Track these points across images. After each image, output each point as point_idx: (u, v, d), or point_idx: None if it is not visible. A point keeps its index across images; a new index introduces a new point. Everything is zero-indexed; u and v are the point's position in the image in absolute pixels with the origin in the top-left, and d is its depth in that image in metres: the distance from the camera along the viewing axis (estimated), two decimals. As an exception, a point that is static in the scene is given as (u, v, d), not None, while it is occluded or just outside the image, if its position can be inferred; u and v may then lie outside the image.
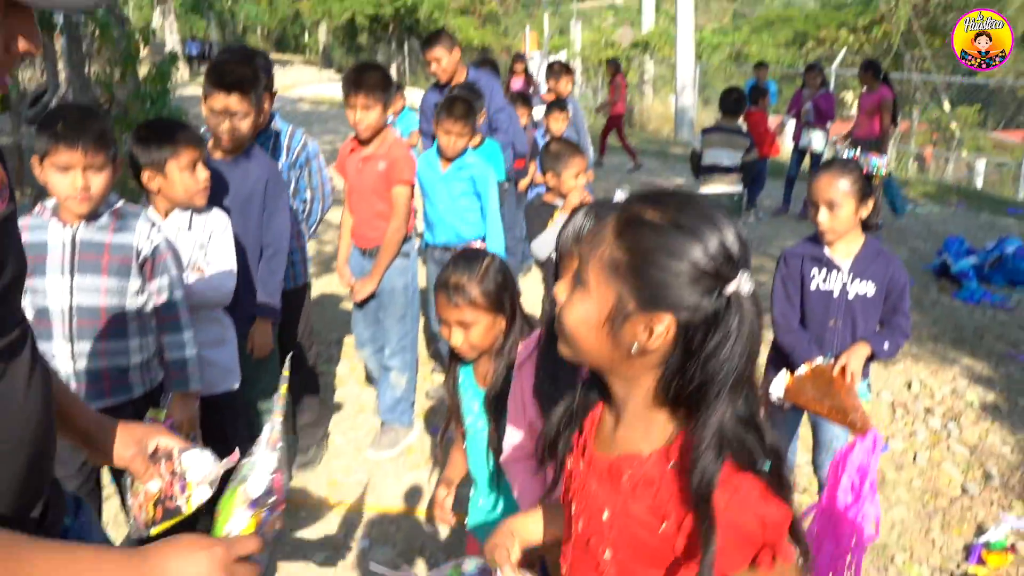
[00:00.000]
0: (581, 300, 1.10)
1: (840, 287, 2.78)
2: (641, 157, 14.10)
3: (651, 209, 1.06)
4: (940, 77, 17.19)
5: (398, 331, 3.80)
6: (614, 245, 1.06)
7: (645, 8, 24.44)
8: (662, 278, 1.03)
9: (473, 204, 3.99)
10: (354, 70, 3.57)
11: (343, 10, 30.46)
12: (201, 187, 2.59)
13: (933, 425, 4.28)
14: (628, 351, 1.07)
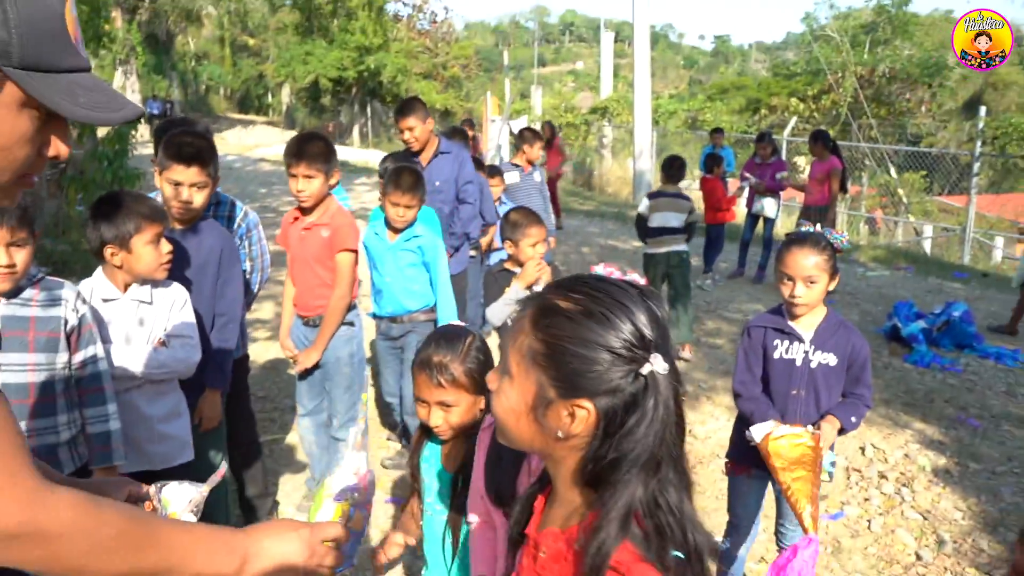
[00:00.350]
0: (507, 389, 1.13)
1: (803, 357, 2.81)
2: (599, 219, 14.31)
3: (564, 298, 1.10)
4: (887, 145, 17.84)
5: (346, 401, 3.72)
6: (531, 335, 1.10)
7: (604, 74, 25.13)
8: (578, 366, 1.06)
9: (420, 275, 3.97)
10: (296, 140, 3.57)
11: (306, 72, 30.78)
12: (164, 261, 2.57)
13: (887, 490, 4.31)
14: (554, 436, 1.09)
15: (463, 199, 5.00)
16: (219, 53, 42.83)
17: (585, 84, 69.15)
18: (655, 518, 1.06)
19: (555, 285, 1.15)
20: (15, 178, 1.09)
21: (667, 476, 1.07)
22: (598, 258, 10.53)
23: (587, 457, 1.08)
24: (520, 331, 1.12)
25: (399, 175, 3.79)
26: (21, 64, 1.01)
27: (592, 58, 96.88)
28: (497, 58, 62.02)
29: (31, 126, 1.06)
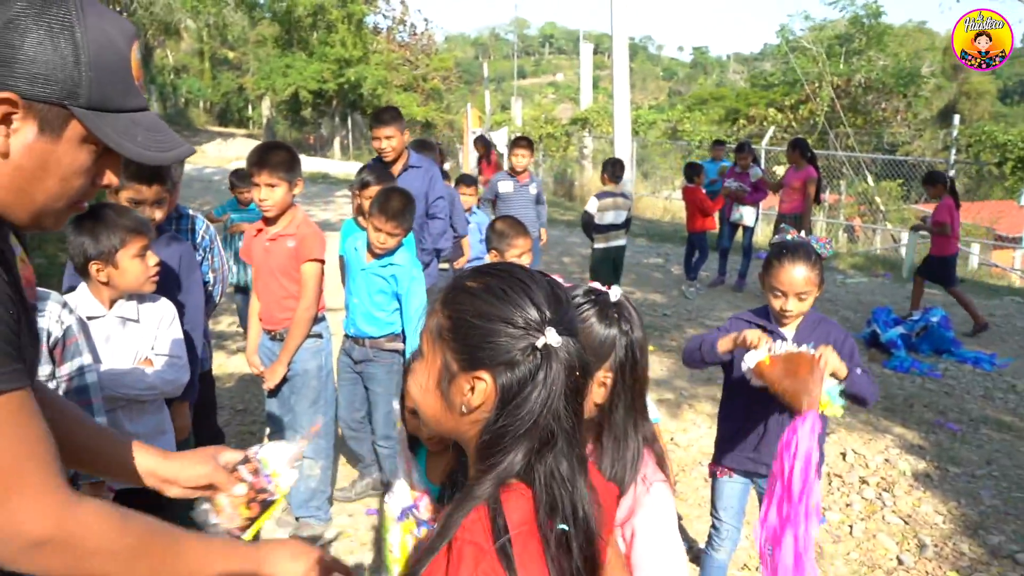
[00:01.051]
0: (419, 368, 1.18)
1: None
2: (580, 229, 14.34)
3: (472, 279, 1.15)
4: (864, 154, 18.03)
5: (310, 415, 3.61)
6: (440, 314, 1.15)
7: (583, 86, 25.25)
8: (477, 339, 1.10)
9: (388, 302, 3.80)
10: (258, 149, 3.50)
11: (287, 85, 30.73)
12: (151, 274, 2.52)
13: (868, 495, 4.33)
14: (459, 411, 1.13)
15: (433, 214, 4.89)
16: (198, 66, 42.65)
17: (565, 96, 69.49)
18: (548, 489, 1.09)
19: (469, 269, 1.19)
20: (69, 205, 1.18)
21: (560, 448, 1.10)
22: (579, 268, 10.54)
23: (483, 429, 1.12)
24: (432, 312, 1.17)
25: (388, 198, 3.62)
26: (88, 104, 1.10)
27: (572, 70, 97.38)
28: (477, 70, 62.18)
29: (89, 159, 1.15)
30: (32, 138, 1.09)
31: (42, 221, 1.19)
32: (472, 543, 1.04)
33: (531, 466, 1.09)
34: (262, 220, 3.56)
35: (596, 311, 1.63)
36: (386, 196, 3.65)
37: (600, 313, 1.63)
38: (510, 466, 1.09)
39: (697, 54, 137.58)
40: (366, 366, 3.88)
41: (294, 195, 3.48)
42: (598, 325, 1.62)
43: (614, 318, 1.62)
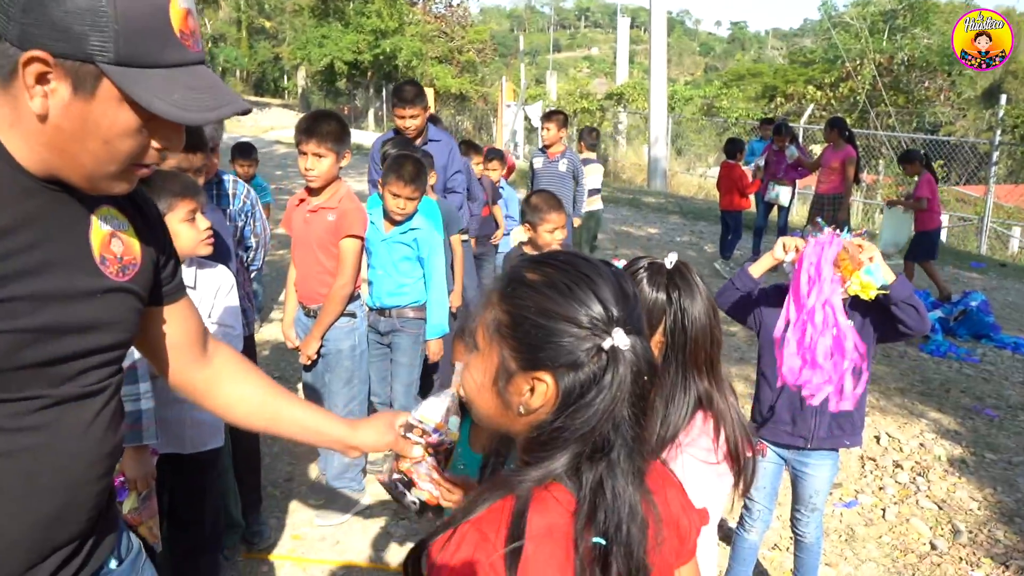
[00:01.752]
0: (475, 362, 1.11)
1: None
2: (614, 206, 14.27)
3: (532, 271, 1.07)
4: (904, 134, 17.66)
5: (345, 395, 3.61)
6: (497, 307, 1.07)
7: (619, 61, 24.97)
8: (539, 337, 1.03)
9: (413, 269, 3.80)
10: (308, 117, 3.46)
11: (322, 55, 30.73)
12: (203, 237, 2.51)
13: (902, 479, 4.30)
14: (516, 412, 1.06)
15: (452, 188, 4.85)
16: (235, 36, 42.83)
17: (600, 70, 68.79)
18: (592, 498, 1.01)
19: (528, 259, 1.12)
20: (122, 169, 1.13)
21: (617, 460, 1.02)
22: (613, 244, 10.50)
23: (537, 427, 1.05)
24: (488, 303, 1.10)
25: (401, 164, 3.62)
26: (117, 60, 1.03)
27: (607, 44, 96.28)
28: (512, 43, 61.74)
29: (133, 119, 1.08)
30: (68, 98, 1.04)
31: (99, 184, 1.15)
32: (479, 530, 1.00)
33: (579, 471, 1.03)
34: (306, 190, 3.54)
35: (647, 276, 1.68)
36: (399, 162, 3.66)
37: (651, 278, 1.67)
38: (554, 467, 1.02)
39: (735, 29, 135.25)
40: (393, 336, 3.89)
41: (340, 167, 3.45)
42: (647, 289, 1.67)
43: (663, 283, 1.66)
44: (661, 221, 12.82)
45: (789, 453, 2.89)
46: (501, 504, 1.01)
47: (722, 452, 1.67)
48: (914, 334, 2.67)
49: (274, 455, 4.30)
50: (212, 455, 2.73)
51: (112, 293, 1.23)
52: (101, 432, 1.26)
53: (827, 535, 3.73)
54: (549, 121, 7.24)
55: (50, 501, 1.19)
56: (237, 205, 3.29)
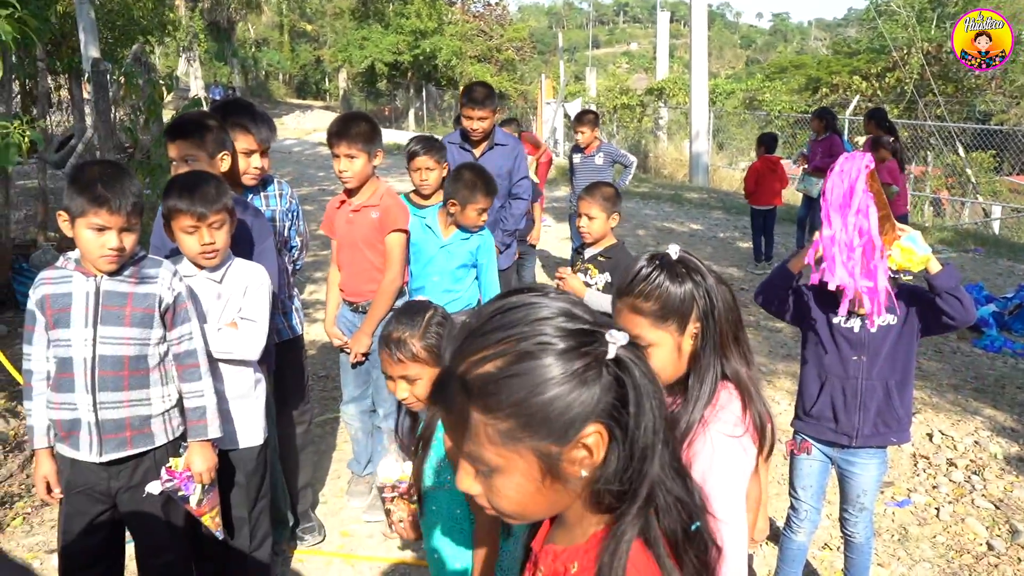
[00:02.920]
0: (504, 483, 1.00)
1: (860, 324, 2.71)
2: (655, 201, 14.17)
3: (482, 365, 0.97)
4: (954, 124, 17.23)
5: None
6: (489, 421, 0.97)
7: (659, 55, 24.76)
8: (557, 408, 0.95)
9: (467, 275, 3.81)
10: (339, 120, 3.51)
11: (363, 57, 31.04)
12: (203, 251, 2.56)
13: (956, 478, 4.20)
14: (580, 481, 0.99)
15: (516, 194, 4.78)
16: (278, 39, 43.47)
17: (639, 65, 68.30)
18: (677, 493, 1.01)
19: (462, 353, 0.99)
20: None
21: (662, 455, 1.00)
22: (654, 240, 10.44)
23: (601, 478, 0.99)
24: (474, 427, 0.99)
25: (475, 179, 3.63)
26: None
27: (646, 39, 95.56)
28: (551, 40, 61.64)
29: None
30: None
31: None
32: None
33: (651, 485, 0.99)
34: (344, 192, 3.59)
35: (666, 274, 1.68)
36: (470, 177, 3.63)
37: (670, 274, 1.68)
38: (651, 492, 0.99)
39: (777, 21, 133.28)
40: None
41: (374, 166, 3.49)
42: (672, 286, 1.66)
43: (683, 273, 1.67)
44: (703, 217, 12.69)
45: (834, 451, 2.84)
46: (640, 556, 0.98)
47: (748, 425, 1.68)
48: (959, 326, 2.63)
49: (322, 452, 4.36)
50: (247, 453, 2.76)
51: None
52: None
53: (879, 535, 3.66)
54: (581, 125, 7.26)
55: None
56: (284, 206, 3.34)
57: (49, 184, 8.45)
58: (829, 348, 2.78)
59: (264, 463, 2.85)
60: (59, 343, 2.32)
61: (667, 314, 1.67)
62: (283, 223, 3.32)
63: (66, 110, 16.51)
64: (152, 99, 7.55)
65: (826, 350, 2.78)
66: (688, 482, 1.03)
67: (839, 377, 2.76)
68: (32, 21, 4.38)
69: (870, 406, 2.72)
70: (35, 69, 8.77)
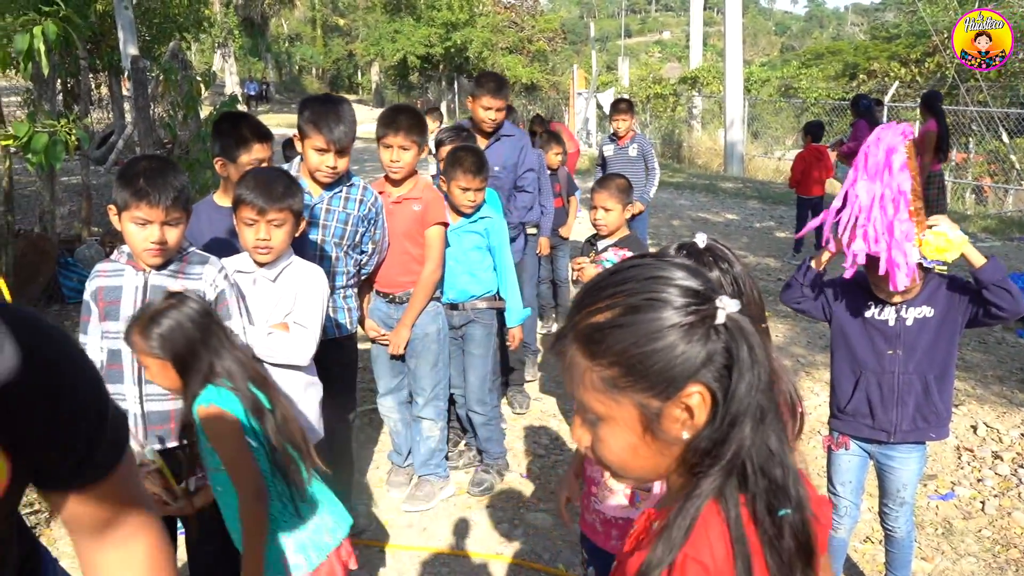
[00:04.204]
0: (608, 433, 1.03)
1: (895, 316, 2.65)
2: (690, 192, 14.06)
3: (599, 312, 1.00)
4: (997, 109, 16.83)
5: (431, 379, 3.66)
6: (595, 368, 1.00)
7: (693, 43, 24.50)
8: (662, 362, 0.97)
9: (484, 258, 3.81)
10: (391, 111, 3.51)
11: (395, 50, 31.17)
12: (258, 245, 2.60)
13: (1002, 471, 4.12)
14: (680, 442, 1.01)
15: (521, 187, 4.72)
16: (311, 34, 43.84)
17: (672, 54, 67.67)
18: (767, 472, 0.98)
19: (578, 306, 1.03)
20: None
21: (772, 423, 0.99)
22: (689, 231, 10.36)
23: (698, 438, 0.99)
24: (580, 372, 1.02)
25: (462, 158, 3.61)
26: None
27: (679, 27, 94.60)
28: (583, 30, 61.32)
29: None
30: None
31: None
32: (698, 561, 0.96)
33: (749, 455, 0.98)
34: (387, 181, 3.59)
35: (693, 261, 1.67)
36: (461, 156, 3.64)
37: (698, 262, 1.66)
38: (727, 462, 0.98)
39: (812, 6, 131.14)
40: (467, 328, 3.88)
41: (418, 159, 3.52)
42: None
43: (711, 262, 1.67)
44: (739, 207, 12.58)
45: (873, 447, 2.79)
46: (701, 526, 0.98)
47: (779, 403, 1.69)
48: (1009, 318, 2.56)
49: (361, 443, 4.40)
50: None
51: None
52: None
53: (922, 528, 3.61)
54: (621, 113, 7.16)
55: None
56: (362, 211, 3.24)
57: (91, 180, 8.62)
58: (862, 342, 2.71)
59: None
60: (109, 335, 2.37)
61: None
62: (355, 227, 3.23)
63: (106, 107, 16.83)
64: (190, 95, 7.65)
65: (859, 345, 2.72)
66: (786, 471, 1.00)
67: (874, 372, 2.70)
68: (75, 20, 4.46)
69: (908, 401, 2.66)
70: (77, 67, 8.94)
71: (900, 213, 2.37)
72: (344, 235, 3.19)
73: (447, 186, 3.71)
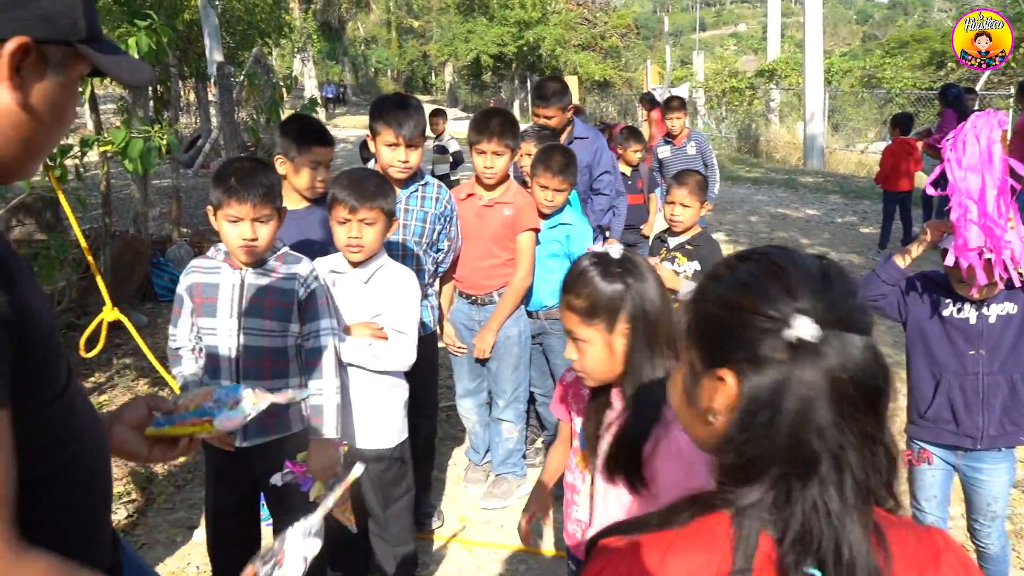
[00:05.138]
0: (676, 374, 1.06)
1: (976, 313, 2.53)
2: (768, 187, 13.77)
3: (724, 267, 1.01)
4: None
5: (513, 381, 3.66)
6: (687, 310, 1.02)
7: (771, 35, 23.97)
8: (718, 330, 0.96)
9: (560, 266, 3.66)
10: (485, 116, 3.48)
11: (468, 50, 31.42)
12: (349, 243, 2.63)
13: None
14: (706, 420, 0.98)
15: (598, 189, 4.63)
16: (386, 36, 44.63)
17: (748, 47, 66.29)
18: (806, 520, 0.88)
19: (729, 256, 1.06)
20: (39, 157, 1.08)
21: (828, 478, 0.88)
22: (767, 227, 10.15)
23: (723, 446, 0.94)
24: (684, 310, 1.04)
25: (549, 155, 3.58)
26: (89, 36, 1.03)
27: (755, 19, 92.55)
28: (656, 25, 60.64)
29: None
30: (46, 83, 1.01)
31: (23, 173, 1.08)
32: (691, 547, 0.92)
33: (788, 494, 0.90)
34: (478, 184, 3.57)
35: (599, 271, 1.74)
36: (547, 153, 3.60)
37: (603, 272, 1.73)
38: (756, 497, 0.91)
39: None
40: (543, 338, 3.84)
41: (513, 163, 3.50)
42: (602, 283, 1.72)
43: (616, 273, 1.72)
44: (820, 202, 12.25)
45: (956, 457, 2.64)
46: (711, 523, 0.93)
47: None
48: None
49: (438, 440, 4.47)
50: (382, 453, 2.81)
51: None
52: None
53: (1021, 537, 3.45)
54: (674, 111, 6.97)
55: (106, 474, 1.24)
56: (439, 209, 3.28)
57: (180, 183, 8.97)
58: (942, 343, 2.59)
59: (401, 464, 2.87)
60: (205, 331, 2.44)
61: (595, 312, 1.74)
62: (433, 226, 3.27)
63: (193, 112, 17.49)
64: (272, 100, 7.89)
65: (938, 346, 2.60)
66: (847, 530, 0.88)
67: (956, 374, 2.57)
68: (166, 31, 4.66)
69: (994, 404, 2.52)
70: (167, 75, 9.32)
71: (1005, 208, 2.26)
72: (424, 233, 3.24)
73: (531, 183, 3.68)
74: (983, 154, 2.26)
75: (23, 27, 0.95)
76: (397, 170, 3.12)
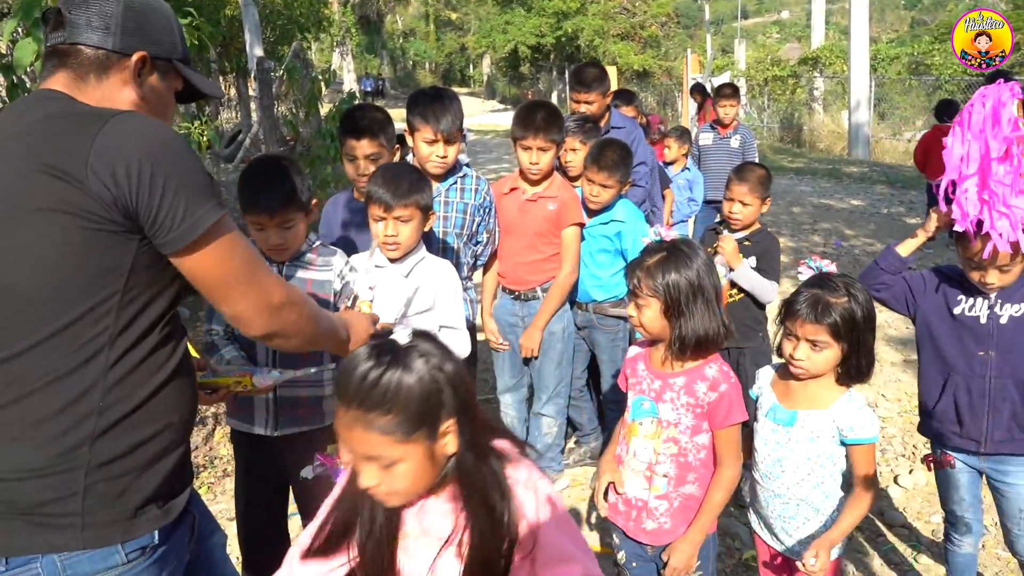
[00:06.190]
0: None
1: (987, 312, 2.41)
2: (811, 177, 13.54)
3: None
4: None
5: (555, 376, 3.64)
6: None
7: (815, 22, 23.53)
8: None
9: (611, 262, 3.65)
10: (530, 110, 3.41)
11: (506, 42, 31.38)
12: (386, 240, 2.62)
13: None
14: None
15: (633, 181, 4.44)
16: (424, 29, 44.74)
17: (791, 34, 65.10)
18: None
19: None
20: None
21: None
22: (810, 219, 9.97)
23: None
24: None
25: (602, 150, 3.52)
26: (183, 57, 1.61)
27: (798, 6, 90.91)
28: (696, 13, 59.83)
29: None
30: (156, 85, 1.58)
31: None
32: None
33: None
34: (520, 177, 3.54)
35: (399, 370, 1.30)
36: (600, 148, 3.54)
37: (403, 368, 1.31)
38: None
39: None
40: (589, 332, 3.83)
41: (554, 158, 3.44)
42: (408, 382, 1.29)
43: (411, 367, 1.31)
44: (865, 192, 12.00)
45: (981, 461, 2.51)
46: None
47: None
48: None
49: (475, 434, 4.47)
50: None
51: None
52: None
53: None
54: (728, 99, 6.78)
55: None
56: (478, 200, 3.25)
57: (221, 178, 9.09)
58: (950, 342, 2.46)
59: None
60: None
61: (413, 421, 1.30)
62: (473, 217, 3.25)
63: (234, 107, 17.72)
64: (311, 94, 7.94)
65: (947, 344, 2.47)
66: None
67: (963, 375, 2.44)
68: (207, 27, 4.70)
69: (1001, 408, 2.39)
70: (208, 71, 9.44)
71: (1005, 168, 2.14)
72: (464, 225, 3.21)
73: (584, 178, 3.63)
74: (988, 119, 2.16)
75: (142, 45, 1.52)
76: (434, 165, 3.10)
